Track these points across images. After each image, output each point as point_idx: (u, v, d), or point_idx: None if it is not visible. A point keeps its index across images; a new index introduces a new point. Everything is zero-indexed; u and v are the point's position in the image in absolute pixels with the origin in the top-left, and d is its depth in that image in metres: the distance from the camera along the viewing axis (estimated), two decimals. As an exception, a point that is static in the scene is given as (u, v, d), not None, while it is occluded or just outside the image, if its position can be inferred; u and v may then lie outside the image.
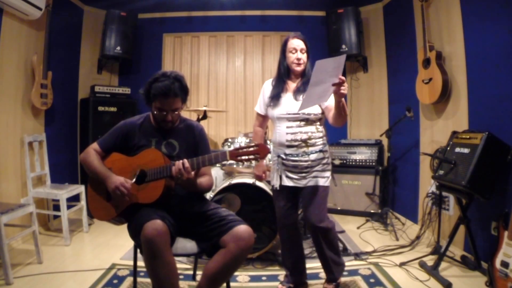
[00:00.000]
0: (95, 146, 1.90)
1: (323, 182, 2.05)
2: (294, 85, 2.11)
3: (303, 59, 2.06)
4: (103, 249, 2.95)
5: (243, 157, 1.66)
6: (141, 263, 1.62)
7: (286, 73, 2.11)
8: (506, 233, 2.02)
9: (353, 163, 4.01)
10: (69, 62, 3.98)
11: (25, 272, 2.43)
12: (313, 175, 2.04)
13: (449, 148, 2.57)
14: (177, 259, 1.67)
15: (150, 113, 1.93)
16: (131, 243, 2.35)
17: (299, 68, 2.07)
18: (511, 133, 2.29)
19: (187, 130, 1.94)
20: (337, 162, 4.04)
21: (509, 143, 2.28)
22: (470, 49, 2.71)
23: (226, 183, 2.68)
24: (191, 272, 2.44)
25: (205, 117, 3.57)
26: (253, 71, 4.60)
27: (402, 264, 2.58)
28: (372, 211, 3.82)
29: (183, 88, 1.79)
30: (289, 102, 2.05)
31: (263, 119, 2.26)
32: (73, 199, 3.33)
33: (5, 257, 2.23)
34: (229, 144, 3.22)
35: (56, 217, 3.52)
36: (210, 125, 4.51)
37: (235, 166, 3.00)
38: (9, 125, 3.01)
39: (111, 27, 4.04)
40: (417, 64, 3.20)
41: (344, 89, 1.71)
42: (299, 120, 2.03)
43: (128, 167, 1.81)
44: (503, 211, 2.14)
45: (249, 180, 2.64)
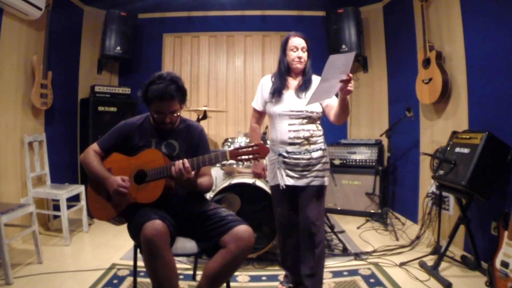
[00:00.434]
0: (94, 146, 1.90)
1: (322, 182, 2.06)
2: (295, 82, 2.10)
3: (303, 58, 2.06)
4: (103, 249, 2.95)
5: (243, 157, 1.65)
6: (141, 263, 1.61)
7: (286, 70, 2.11)
8: (506, 233, 2.02)
9: (353, 163, 4.01)
10: (69, 62, 3.98)
11: (25, 272, 2.43)
12: (314, 174, 2.03)
13: (449, 148, 2.56)
14: (177, 259, 1.67)
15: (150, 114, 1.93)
16: (131, 243, 2.35)
17: (300, 66, 2.07)
18: (511, 133, 2.29)
19: (187, 130, 1.94)
20: (337, 162, 4.04)
21: (509, 143, 2.28)
22: (470, 49, 2.71)
23: (226, 183, 2.68)
24: (191, 272, 2.44)
25: (205, 117, 3.57)
26: (253, 71, 4.60)
27: (402, 264, 2.58)
28: (372, 211, 3.82)
29: (179, 90, 1.78)
30: (291, 100, 2.04)
31: (259, 115, 2.23)
32: (73, 199, 3.33)
33: (5, 257, 2.23)
34: (229, 144, 3.23)
35: (56, 217, 3.52)
36: (210, 125, 4.51)
37: (235, 166, 3.01)
38: (9, 125, 3.01)
39: (111, 27, 4.04)
40: (417, 64, 3.21)
41: (351, 86, 1.71)
42: (302, 117, 2.02)
43: (128, 167, 1.80)
44: (503, 211, 2.14)
45: (249, 180, 2.64)
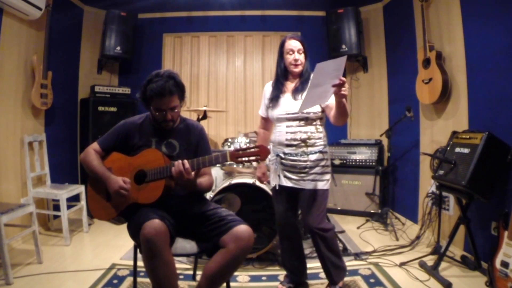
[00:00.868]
0: (95, 146, 1.90)
1: (322, 185, 2.04)
2: (292, 85, 2.10)
3: (300, 60, 2.05)
4: (103, 249, 2.95)
5: (244, 158, 1.65)
6: (141, 263, 1.61)
7: (284, 74, 2.11)
8: (506, 233, 2.02)
9: (353, 163, 4.01)
10: (69, 62, 3.98)
11: (25, 272, 2.43)
12: (312, 177, 2.03)
13: (449, 148, 2.56)
14: (177, 259, 1.67)
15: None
16: (131, 243, 2.35)
17: (297, 70, 2.06)
18: (511, 133, 2.29)
19: (187, 130, 1.94)
20: (337, 162, 4.04)
21: (509, 143, 2.28)
22: (470, 49, 2.71)
23: (226, 183, 2.68)
24: (191, 272, 2.44)
25: (205, 117, 3.57)
26: (253, 71, 4.60)
27: (402, 264, 2.58)
28: (372, 211, 3.82)
29: (178, 85, 1.79)
30: (288, 102, 2.05)
31: (266, 121, 2.28)
32: (73, 199, 3.33)
33: (5, 257, 2.23)
34: (229, 144, 3.22)
35: (56, 217, 3.52)
36: (210, 125, 4.51)
37: (235, 166, 3.00)
38: (9, 125, 3.01)
39: (111, 27, 4.04)
40: (417, 64, 3.20)
41: (345, 90, 1.70)
42: (299, 119, 2.03)
43: (128, 167, 1.81)
44: (503, 211, 2.14)
45: (249, 180, 2.64)
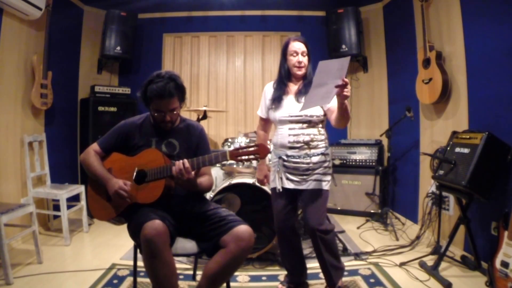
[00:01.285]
0: (95, 146, 1.90)
1: (323, 185, 2.04)
2: (295, 87, 2.09)
3: (304, 62, 2.04)
4: (103, 249, 2.95)
5: (243, 157, 1.65)
6: (141, 263, 1.61)
7: (287, 76, 2.10)
8: (506, 233, 2.02)
9: (353, 163, 4.01)
10: (69, 62, 3.98)
11: (25, 272, 2.42)
12: (314, 177, 2.03)
13: (449, 148, 2.56)
14: (177, 259, 1.67)
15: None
16: (131, 243, 2.35)
17: (300, 72, 2.06)
18: (511, 133, 2.29)
19: (187, 130, 1.94)
20: (337, 162, 4.04)
21: (509, 143, 2.28)
22: (470, 49, 2.71)
23: (226, 183, 2.67)
24: (191, 272, 2.44)
25: (205, 117, 3.57)
26: (253, 71, 4.60)
27: (402, 264, 2.58)
28: (372, 211, 3.82)
29: (178, 87, 1.78)
30: (291, 105, 2.04)
31: (265, 122, 2.25)
32: (73, 199, 3.33)
33: (5, 257, 2.23)
34: (229, 144, 3.22)
35: (56, 217, 3.52)
36: (210, 125, 4.51)
37: (235, 166, 3.00)
38: (9, 125, 3.00)
39: (111, 27, 4.04)
40: (417, 64, 3.20)
41: (348, 91, 1.69)
42: (302, 122, 2.02)
43: (128, 167, 1.81)
44: (503, 211, 2.14)
45: (249, 180, 2.63)
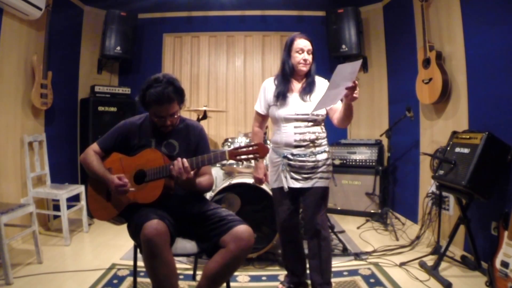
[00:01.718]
0: (94, 146, 1.90)
1: (326, 183, 2.06)
2: (299, 85, 2.09)
3: (309, 60, 2.05)
4: (103, 249, 2.95)
5: (243, 157, 1.65)
6: (141, 263, 1.61)
7: (291, 72, 2.08)
8: (506, 233, 2.02)
9: (353, 163, 4.00)
10: (69, 62, 3.98)
11: (25, 272, 2.43)
12: (319, 176, 2.03)
13: (449, 148, 2.56)
14: (177, 259, 1.67)
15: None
16: (131, 243, 2.35)
17: (305, 69, 2.05)
18: (511, 133, 2.29)
19: (187, 130, 1.94)
20: (337, 162, 4.04)
21: (509, 143, 2.28)
22: (470, 49, 2.71)
23: (226, 183, 2.67)
24: (191, 272, 2.44)
25: (205, 117, 3.57)
26: (253, 71, 4.60)
27: (402, 264, 2.58)
28: (372, 211, 3.82)
29: (177, 91, 1.76)
30: (296, 103, 2.03)
31: (262, 119, 2.21)
32: (73, 199, 3.33)
33: (5, 257, 2.23)
34: (229, 144, 3.22)
35: (56, 217, 3.52)
36: (210, 125, 4.51)
37: (235, 166, 3.00)
38: (9, 125, 3.01)
39: (111, 27, 4.04)
40: (417, 64, 3.20)
41: (357, 93, 1.72)
42: (308, 120, 2.02)
43: (128, 167, 1.81)
44: (503, 211, 2.14)
45: (249, 180, 2.63)
